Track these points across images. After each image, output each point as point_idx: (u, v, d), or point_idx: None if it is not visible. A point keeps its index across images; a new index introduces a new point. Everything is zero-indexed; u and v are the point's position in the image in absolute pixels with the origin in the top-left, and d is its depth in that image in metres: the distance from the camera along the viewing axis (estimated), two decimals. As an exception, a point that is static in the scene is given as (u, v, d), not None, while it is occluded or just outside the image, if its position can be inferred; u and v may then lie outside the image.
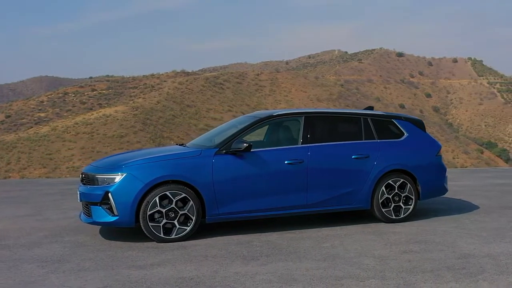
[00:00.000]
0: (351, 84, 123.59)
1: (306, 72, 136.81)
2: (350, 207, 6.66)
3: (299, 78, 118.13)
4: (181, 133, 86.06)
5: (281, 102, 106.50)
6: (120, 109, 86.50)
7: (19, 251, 5.57)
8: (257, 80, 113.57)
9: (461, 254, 5.21)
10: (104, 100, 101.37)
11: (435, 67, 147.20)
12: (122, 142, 76.19)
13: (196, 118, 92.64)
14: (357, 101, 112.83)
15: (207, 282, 4.45)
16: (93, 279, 4.58)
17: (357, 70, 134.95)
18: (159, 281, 4.48)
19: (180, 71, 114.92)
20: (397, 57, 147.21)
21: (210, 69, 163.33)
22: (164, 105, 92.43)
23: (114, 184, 5.79)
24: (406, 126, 7.06)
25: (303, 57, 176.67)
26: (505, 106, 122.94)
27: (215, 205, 6.01)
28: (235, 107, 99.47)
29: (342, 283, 4.38)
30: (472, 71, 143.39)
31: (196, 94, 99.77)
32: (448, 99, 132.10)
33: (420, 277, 4.49)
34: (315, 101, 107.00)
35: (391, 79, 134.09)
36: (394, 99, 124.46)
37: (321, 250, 5.45)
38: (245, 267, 4.88)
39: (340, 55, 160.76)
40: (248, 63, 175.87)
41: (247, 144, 6.04)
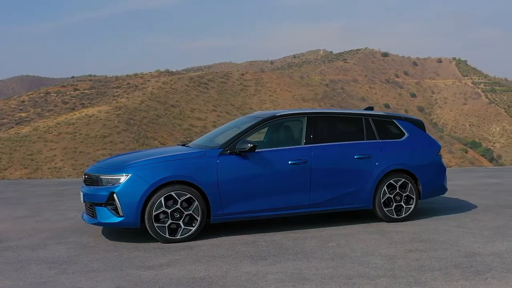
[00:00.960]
0: (336, 84, 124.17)
1: (291, 72, 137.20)
2: (353, 207, 6.75)
3: (284, 78, 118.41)
4: (165, 133, 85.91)
5: (266, 102, 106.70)
6: (103, 109, 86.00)
7: (24, 253, 5.57)
8: (242, 80, 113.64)
9: (466, 253, 5.32)
10: (86, 100, 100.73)
11: (420, 67, 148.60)
12: (105, 142, 75.82)
13: (180, 118, 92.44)
14: (342, 101, 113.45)
15: (219, 282, 4.51)
16: (104, 280, 4.61)
17: (342, 70, 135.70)
18: (171, 282, 4.52)
19: (164, 71, 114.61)
20: (382, 57, 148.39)
21: (195, 69, 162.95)
22: (148, 105, 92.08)
23: (119, 184, 5.81)
24: (407, 126, 7.17)
25: (288, 57, 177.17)
26: (489, 106, 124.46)
27: (220, 206, 6.06)
28: (220, 107, 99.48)
29: (353, 282, 4.46)
30: (457, 71, 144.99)
31: (180, 94, 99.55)
32: (433, 99, 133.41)
33: (430, 276, 4.58)
34: (300, 101, 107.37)
35: (376, 79, 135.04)
36: (379, 99, 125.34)
37: (327, 250, 5.53)
38: (255, 266, 4.94)
39: (325, 55, 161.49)
40: (233, 63, 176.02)
41: (252, 144, 6.10)
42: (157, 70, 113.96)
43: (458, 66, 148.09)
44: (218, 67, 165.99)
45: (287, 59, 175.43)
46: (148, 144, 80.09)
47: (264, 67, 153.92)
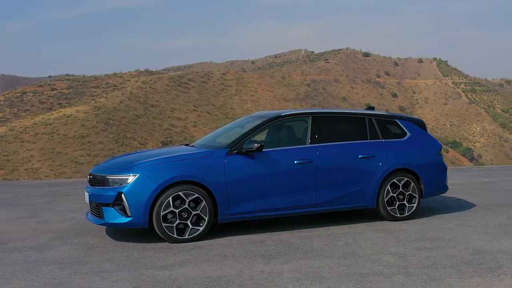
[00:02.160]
0: (317, 84, 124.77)
1: (273, 71, 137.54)
2: (357, 206, 6.86)
3: (265, 77, 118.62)
4: (145, 133, 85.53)
5: (248, 102, 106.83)
6: (82, 109, 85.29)
7: (32, 254, 5.55)
8: (223, 80, 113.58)
9: (474, 250, 5.45)
10: (64, 100, 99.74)
11: (401, 67, 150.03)
12: (84, 142, 75.22)
13: (160, 118, 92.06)
14: (324, 100, 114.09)
15: (236, 281, 4.56)
16: (119, 280, 4.63)
17: (324, 70, 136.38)
18: (187, 281, 4.56)
19: (143, 70, 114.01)
20: (364, 57, 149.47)
21: (175, 68, 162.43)
22: (127, 105, 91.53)
23: (127, 185, 5.83)
24: (408, 126, 7.30)
25: (269, 57, 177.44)
26: (469, 106, 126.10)
27: (227, 205, 6.11)
28: (200, 107, 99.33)
29: (369, 279, 4.55)
30: (437, 71, 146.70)
31: (160, 94, 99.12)
32: (414, 99, 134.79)
33: (443, 273, 4.70)
34: (282, 101, 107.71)
35: (358, 79, 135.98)
36: (360, 99, 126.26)
37: (337, 248, 5.62)
38: (268, 265, 5.00)
39: (306, 54, 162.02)
40: (213, 62, 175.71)
41: (259, 144, 6.16)
42: (137, 69, 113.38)
43: (439, 66, 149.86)
44: (198, 66, 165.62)
45: (268, 58, 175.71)
46: (127, 145, 79.68)
47: (245, 67, 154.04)
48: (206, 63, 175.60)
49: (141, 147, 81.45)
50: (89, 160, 71.67)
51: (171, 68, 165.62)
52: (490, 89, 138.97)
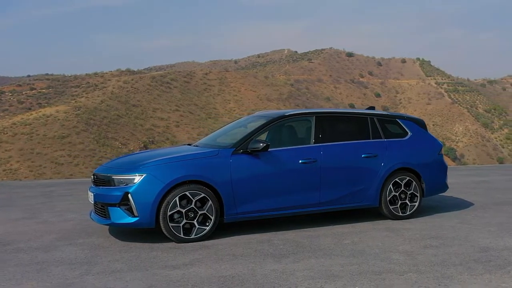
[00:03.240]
0: (301, 84, 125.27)
1: (256, 71, 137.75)
2: (360, 205, 6.95)
3: (248, 77, 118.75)
4: (126, 133, 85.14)
5: (230, 101, 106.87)
6: (62, 109, 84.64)
7: (38, 255, 5.55)
8: (206, 80, 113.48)
9: (480, 248, 5.57)
10: (44, 100, 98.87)
11: (384, 67, 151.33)
12: (64, 143, 74.68)
13: (142, 118, 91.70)
14: (307, 100, 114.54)
15: (250, 280, 4.61)
16: (133, 280, 4.66)
17: (307, 70, 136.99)
18: (201, 280, 4.60)
19: (125, 70, 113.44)
20: (347, 57, 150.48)
21: (157, 68, 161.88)
22: (109, 105, 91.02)
23: (133, 184, 5.84)
24: (410, 126, 7.42)
25: (252, 56, 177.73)
26: (452, 106, 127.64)
27: (233, 205, 6.16)
28: (183, 107, 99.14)
29: (383, 277, 4.63)
30: (420, 72, 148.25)
31: (142, 94, 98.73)
32: (397, 99, 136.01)
33: (454, 270, 4.80)
34: (265, 100, 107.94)
35: (341, 79, 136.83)
36: (344, 99, 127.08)
37: (345, 247, 5.70)
38: (279, 264, 5.07)
39: (289, 54, 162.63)
40: (196, 62, 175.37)
41: (265, 144, 6.22)
42: (118, 69, 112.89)
43: (422, 67, 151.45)
44: (180, 66, 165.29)
45: (251, 58, 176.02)
46: (109, 145, 79.32)
47: (228, 67, 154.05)
48: (189, 63, 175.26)
49: (122, 147, 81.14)
50: (69, 161, 71.19)
51: (153, 67, 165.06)
52: (472, 89, 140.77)
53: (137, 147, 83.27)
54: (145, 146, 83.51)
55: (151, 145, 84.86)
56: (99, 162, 72.07)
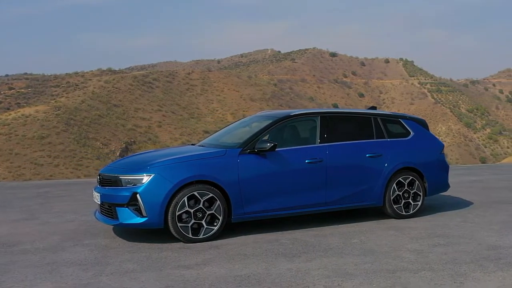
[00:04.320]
0: (284, 84, 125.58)
1: (239, 71, 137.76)
2: (365, 204, 7.04)
3: (231, 77, 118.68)
4: (108, 133, 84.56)
5: (213, 101, 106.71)
6: (41, 109, 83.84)
7: (47, 256, 5.54)
8: (188, 79, 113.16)
9: (488, 246, 5.69)
10: (23, 100, 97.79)
11: (367, 67, 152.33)
12: (44, 143, 73.97)
13: (124, 118, 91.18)
14: (291, 100, 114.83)
15: (266, 279, 4.66)
16: (148, 280, 4.68)
17: (291, 70, 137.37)
18: (217, 280, 4.64)
19: (106, 69, 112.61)
20: (330, 57, 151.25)
21: (138, 68, 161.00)
22: (89, 105, 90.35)
23: (141, 185, 5.86)
24: (412, 125, 7.54)
25: (235, 56, 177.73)
26: (435, 106, 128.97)
27: (240, 205, 6.21)
28: (165, 107, 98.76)
29: (397, 275, 4.71)
30: (404, 72, 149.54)
31: (123, 93, 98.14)
32: (381, 99, 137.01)
33: (467, 268, 4.90)
34: (248, 100, 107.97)
35: (325, 79, 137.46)
36: (327, 99, 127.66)
37: (354, 246, 5.78)
38: (292, 264, 5.12)
39: (273, 54, 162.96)
40: (178, 62, 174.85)
41: (273, 144, 6.28)
42: (99, 68, 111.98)
43: (405, 67, 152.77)
44: (163, 66, 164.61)
45: (234, 58, 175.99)
46: (89, 145, 78.75)
47: (211, 67, 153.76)
48: (171, 63, 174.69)
49: (103, 147, 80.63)
50: (49, 162, 70.52)
51: (135, 67, 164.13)
52: (455, 89, 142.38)
53: (119, 148, 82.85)
54: (127, 146, 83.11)
55: (132, 145, 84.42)
56: (80, 162, 71.62)
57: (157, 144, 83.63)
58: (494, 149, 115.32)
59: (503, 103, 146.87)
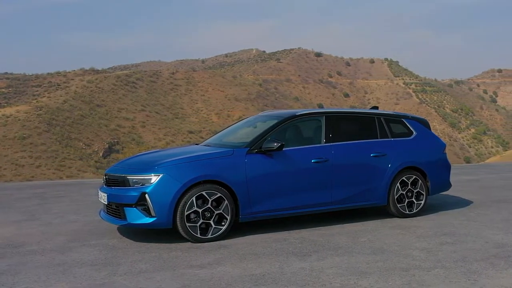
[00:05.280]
0: (269, 84, 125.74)
1: (224, 71, 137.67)
2: (369, 204, 7.13)
3: (216, 77, 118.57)
4: (90, 134, 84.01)
5: (198, 101, 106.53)
6: (22, 109, 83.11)
7: (56, 256, 5.53)
8: (172, 79, 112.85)
9: (495, 244, 5.79)
10: (3, 99, 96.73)
11: (353, 67, 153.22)
12: (25, 144, 73.29)
13: (107, 118, 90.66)
14: (276, 100, 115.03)
15: (282, 278, 4.71)
16: (163, 279, 4.70)
17: (276, 70, 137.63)
18: (233, 279, 4.68)
19: (89, 69, 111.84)
20: (316, 57, 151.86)
21: (121, 67, 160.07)
22: (72, 105, 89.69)
23: (150, 185, 5.88)
24: (414, 125, 7.64)
25: (220, 56, 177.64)
26: (420, 106, 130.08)
27: (248, 204, 6.25)
28: (149, 107, 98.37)
29: (411, 273, 4.79)
30: (389, 72, 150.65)
31: (106, 93, 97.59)
32: (366, 99, 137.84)
33: (478, 266, 4.99)
34: (233, 100, 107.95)
35: (310, 79, 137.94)
36: (313, 99, 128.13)
37: (363, 245, 5.85)
38: (305, 262, 5.18)
39: (258, 54, 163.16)
40: (162, 62, 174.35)
41: (280, 143, 6.33)
42: (81, 68, 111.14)
43: (390, 67, 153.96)
44: (146, 65, 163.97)
45: (219, 58, 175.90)
46: (72, 146, 78.21)
47: (195, 66, 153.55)
48: (155, 62, 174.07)
49: (86, 148, 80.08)
50: (30, 162, 69.89)
51: (118, 67, 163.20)
52: (439, 90, 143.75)
53: (102, 148, 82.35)
54: (110, 147, 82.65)
55: (116, 145, 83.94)
56: (62, 163, 71.08)
57: (141, 145, 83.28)
58: (478, 149, 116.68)
59: (487, 103, 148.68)
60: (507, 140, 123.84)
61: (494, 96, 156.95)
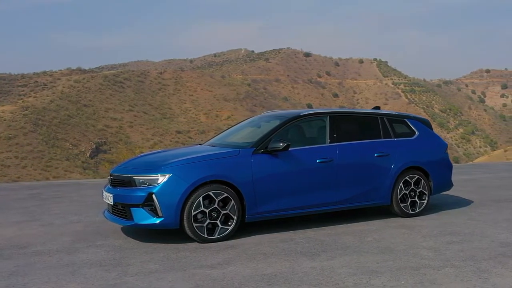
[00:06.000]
0: (258, 84, 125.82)
1: (212, 71, 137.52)
2: (373, 203, 7.19)
3: (204, 77, 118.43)
4: (77, 134, 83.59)
5: (186, 101, 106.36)
6: (8, 109, 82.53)
7: (63, 257, 5.53)
8: (160, 79, 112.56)
9: (501, 243, 5.87)
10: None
11: (342, 67, 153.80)
12: (11, 144, 72.80)
13: (94, 118, 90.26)
14: (265, 100, 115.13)
15: (293, 277, 4.74)
16: (175, 280, 4.72)
17: (265, 70, 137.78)
18: (245, 279, 4.70)
19: (75, 69, 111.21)
20: (305, 57, 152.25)
21: (109, 67, 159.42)
22: (58, 105, 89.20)
23: (157, 185, 5.89)
24: (416, 125, 7.72)
25: (209, 56, 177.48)
26: (409, 106, 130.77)
27: (254, 204, 6.28)
28: (137, 107, 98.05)
29: (422, 272, 4.84)
30: (378, 72, 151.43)
31: (94, 93, 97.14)
32: (355, 99, 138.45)
33: (487, 264, 5.06)
34: (222, 100, 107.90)
35: (299, 79, 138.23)
36: (301, 99, 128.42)
37: (370, 244, 5.90)
38: (315, 262, 5.22)
39: (246, 54, 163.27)
40: (150, 61, 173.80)
41: (286, 143, 6.37)
42: (68, 68, 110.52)
43: (379, 67, 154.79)
44: (134, 65, 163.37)
45: (207, 58, 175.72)
46: (59, 146, 77.79)
47: (184, 66, 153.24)
48: (142, 62, 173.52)
49: (73, 148, 79.64)
50: (16, 163, 69.40)
51: (105, 66, 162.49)
52: (428, 90, 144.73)
53: (89, 148, 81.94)
54: (97, 147, 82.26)
55: (103, 146, 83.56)
56: (49, 164, 70.63)
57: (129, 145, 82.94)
58: (467, 149, 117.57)
59: (475, 103, 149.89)
60: (495, 140, 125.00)
61: (482, 96, 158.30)
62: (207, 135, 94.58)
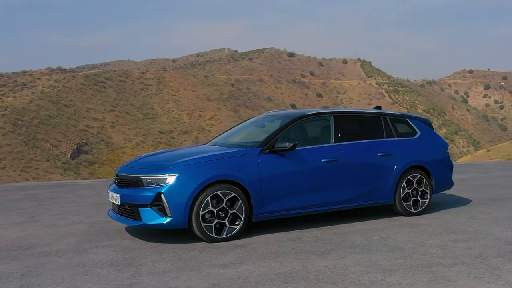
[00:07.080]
0: (242, 84, 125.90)
1: (195, 71, 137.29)
2: (376, 202, 7.29)
3: (187, 77, 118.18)
4: (58, 134, 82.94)
5: (169, 101, 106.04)
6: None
7: (73, 258, 5.54)
8: (143, 79, 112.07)
9: (506, 241, 5.99)
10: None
11: (325, 67, 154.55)
12: (-11, 145, 72.00)
13: (75, 118, 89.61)
14: (248, 100, 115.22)
15: (309, 275, 4.81)
16: (190, 279, 4.76)
17: (248, 70, 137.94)
18: (261, 278, 4.75)
19: (56, 68, 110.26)
20: (288, 57, 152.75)
21: (90, 67, 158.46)
22: (38, 105, 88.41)
23: (165, 185, 5.92)
24: (418, 125, 7.85)
25: (192, 56, 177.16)
26: (392, 106, 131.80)
27: (261, 204, 6.34)
28: (119, 107, 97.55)
29: (435, 270, 4.94)
30: (362, 72, 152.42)
31: (74, 93, 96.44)
32: (339, 99, 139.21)
33: (497, 261, 5.17)
34: (205, 100, 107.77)
35: (283, 79, 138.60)
36: (285, 99, 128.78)
37: (378, 243, 5.99)
38: (326, 261, 5.29)
39: (230, 54, 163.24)
40: (131, 61, 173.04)
41: (292, 143, 6.44)
42: (48, 67, 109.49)
43: (363, 67, 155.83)
44: (115, 65, 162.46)
45: (190, 57, 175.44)
46: (38, 147, 77.13)
47: (166, 66, 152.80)
48: (124, 62, 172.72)
49: (53, 149, 79.00)
50: (-5, 164, 68.73)
51: (86, 66, 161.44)
52: (412, 90, 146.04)
53: (70, 149, 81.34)
54: (78, 148, 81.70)
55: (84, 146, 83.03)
56: (28, 164, 69.98)
57: (111, 145, 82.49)
58: (450, 149, 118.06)
59: (458, 104, 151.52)
60: (478, 140, 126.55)
61: (465, 97, 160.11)
62: (190, 135, 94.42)
